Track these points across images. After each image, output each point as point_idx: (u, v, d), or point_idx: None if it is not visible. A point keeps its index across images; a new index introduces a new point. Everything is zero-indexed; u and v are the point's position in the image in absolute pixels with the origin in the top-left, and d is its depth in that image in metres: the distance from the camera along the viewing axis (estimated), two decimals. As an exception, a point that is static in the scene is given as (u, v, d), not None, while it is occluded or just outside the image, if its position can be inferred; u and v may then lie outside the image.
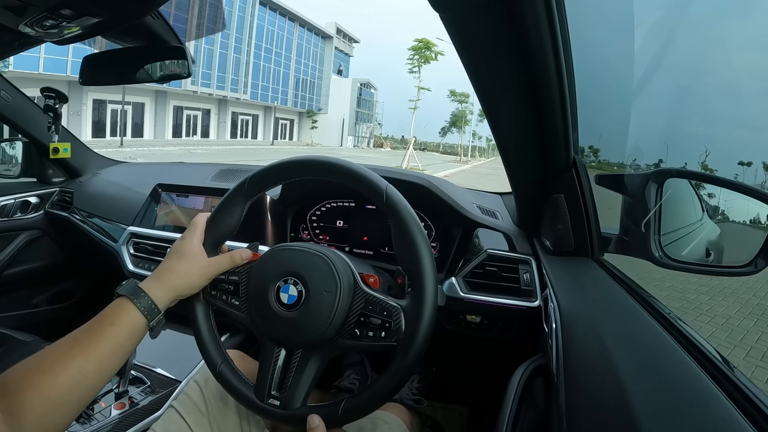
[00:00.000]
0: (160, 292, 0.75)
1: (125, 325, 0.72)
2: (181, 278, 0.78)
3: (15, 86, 1.82)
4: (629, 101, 2.94)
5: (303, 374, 0.77)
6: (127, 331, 0.72)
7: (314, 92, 49.01)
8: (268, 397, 0.78)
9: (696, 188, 1.17)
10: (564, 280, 1.02)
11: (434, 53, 33.90)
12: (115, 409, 1.15)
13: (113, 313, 0.73)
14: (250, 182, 0.82)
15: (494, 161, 54.66)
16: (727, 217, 1.12)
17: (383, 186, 0.74)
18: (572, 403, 0.66)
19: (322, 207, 1.54)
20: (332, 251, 0.79)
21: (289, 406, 0.76)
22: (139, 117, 28.44)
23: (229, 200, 0.84)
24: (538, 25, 0.65)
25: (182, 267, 0.78)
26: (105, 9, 0.96)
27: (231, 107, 37.03)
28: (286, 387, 0.78)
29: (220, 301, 0.83)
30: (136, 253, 1.64)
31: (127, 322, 0.72)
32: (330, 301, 0.73)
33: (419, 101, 33.36)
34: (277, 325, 0.76)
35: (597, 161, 4.92)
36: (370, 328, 0.74)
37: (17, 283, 2.02)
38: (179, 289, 0.77)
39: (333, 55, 50.98)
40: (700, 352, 0.62)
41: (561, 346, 0.77)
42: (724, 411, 0.49)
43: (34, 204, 2.04)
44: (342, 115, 52.87)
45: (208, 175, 1.73)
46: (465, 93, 46.43)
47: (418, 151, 63.84)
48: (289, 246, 0.81)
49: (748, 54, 13.20)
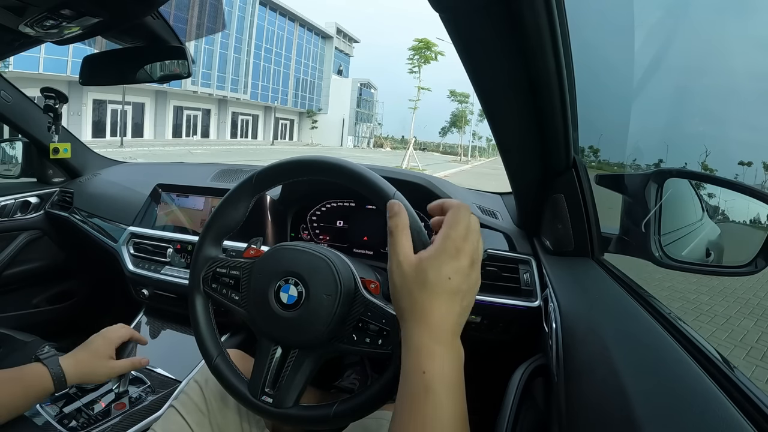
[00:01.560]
0: (72, 371, 0.95)
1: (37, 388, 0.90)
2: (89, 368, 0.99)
3: (15, 86, 1.82)
4: (629, 101, 2.94)
5: (297, 374, 0.77)
6: (37, 393, 0.91)
7: (314, 92, 49.07)
8: (262, 394, 0.78)
9: (696, 188, 1.17)
10: (564, 280, 1.02)
11: (434, 53, 33.74)
12: (115, 409, 1.15)
13: (29, 375, 0.90)
14: (257, 178, 0.82)
15: (494, 161, 54.11)
16: (727, 217, 1.12)
17: (391, 193, 0.74)
18: (572, 403, 0.66)
19: (322, 207, 1.54)
20: (335, 253, 0.79)
21: (282, 404, 0.77)
22: (140, 117, 28.49)
23: (235, 194, 0.84)
24: (538, 24, 0.65)
25: (94, 360, 1.00)
26: (105, 9, 0.96)
27: (231, 107, 37.19)
28: (280, 385, 0.78)
29: (219, 294, 0.83)
30: (136, 253, 1.64)
31: (40, 386, 0.90)
32: (329, 304, 0.73)
33: (419, 101, 33.20)
34: (275, 324, 0.76)
35: (597, 161, 4.92)
36: (368, 334, 0.74)
37: (17, 283, 2.02)
38: (86, 376, 1.00)
39: (333, 55, 51.08)
40: (701, 353, 0.62)
41: (561, 346, 0.77)
42: (725, 411, 0.49)
43: (35, 204, 2.04)
44: (342, 116, 52.87)
45: (208, 175, 1.73)
46: (465, 93, 46.41)
47: (418, 151, 63.30)
48: (291, 246, 0.81)
49: (749, 55, 13.23)
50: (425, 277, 0.56)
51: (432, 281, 0.56)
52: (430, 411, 0.51)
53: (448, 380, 0.53)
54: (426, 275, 0.56)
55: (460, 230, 0.58)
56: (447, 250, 0.57)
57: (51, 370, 0.88)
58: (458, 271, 0.57)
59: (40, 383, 0.87)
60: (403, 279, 0.58)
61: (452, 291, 0.56)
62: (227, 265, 0.83)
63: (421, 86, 34.19)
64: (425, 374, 0.53)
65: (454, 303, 0.57)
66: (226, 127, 37.04)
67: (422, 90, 34.12)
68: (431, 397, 0.52)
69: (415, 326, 0.56)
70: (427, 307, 0.56)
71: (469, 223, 0.59)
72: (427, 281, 0.56)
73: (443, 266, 0.56)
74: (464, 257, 0.58)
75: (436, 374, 0.53)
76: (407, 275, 0.58)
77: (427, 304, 0.56)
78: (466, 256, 0.58)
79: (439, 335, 0.55)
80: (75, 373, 0.94)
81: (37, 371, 0.88)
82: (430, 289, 0.56)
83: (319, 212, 1.55)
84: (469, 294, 0.59)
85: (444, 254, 0.57)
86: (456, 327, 0.57)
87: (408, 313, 0.57)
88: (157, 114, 29.66)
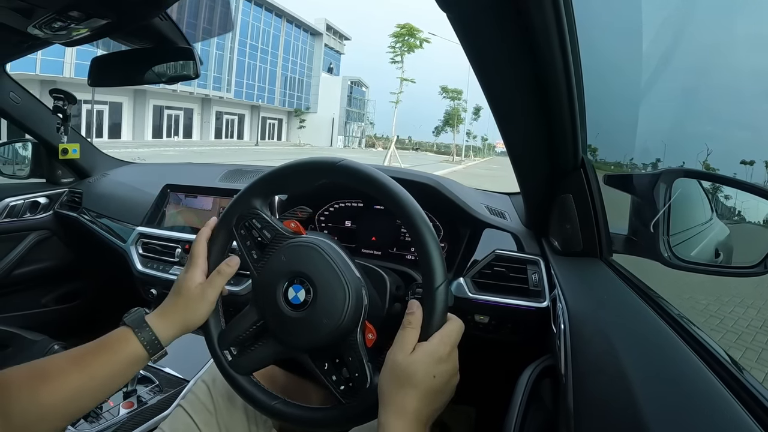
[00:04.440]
0: (164, 327, 0.76)
1: (125, 355, 0.73)
2: (183, 311, 0.78)
3: (24, 88, 1.83)
4: (637, 101, 2.93)
5: (264, 350, 0.80)
6: (126, 361, 0.73)
7: (303, 91, 47.36)
8: (225, 349, 0.81)
9: (705, 188, 1.16)
10: (572, 280, 1.01)
11: (419, 40, 31.68)
12: (123, 408, 1.15)
13: (115, 341, 0.74)
14: (342, 165, 0.79)
15: (489, 161, 52.88)
16: (736, 216, 1.11)
17: (397, 191, 0.73)
18: (580, 404, 0.65)
19: (330, 207, 1.54)
20: (356, 278, 0.77)
21: (238, 367, 0.80)
22: (118, 117, 26.98)
23: (313, 165, 0.81)
24: (545, 23, 0.65)
25: (182, 300, 0.78)
26: (113, 11, 0.96)
27: (215, 106, 35.80)
28: (247, 353, 0.80)
29: (243, 241, 0.82)
30: (144, 253, 1.64)
31: (128, 353, 0.73)
32: (327, 327, 0.73)
33: (402, 94, 31.30)
34: (278, 315, 0.76)
35: (594, 161, 4.89)
36: (337, 373, 0.75)
37: (26, 283, 2.03)
38: (183, 323, 0.78)
39: (323, 53, 49.39)
40: (709, 354, 0.62)
41: (569, 347, 0.77)
42: (733, 413, 0.49)
43: (44, 204, 2.05)
44: (332, 115, 51.23)
45: (217, 176, 1.73)
46: (458, 89, 44.83)
47: (411, 151, 61.71)
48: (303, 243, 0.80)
49: (756, 54, 13.13)
50: (415, 372, 0.63)
51: (420, 378, 0.62)
52: None
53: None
54: (416, 369, 0.63)
55: (453, 337, 0.66)
56: (438, 352, 0.64)
57: (137, 333, 0.78)
58: (444, 373, 0.64)
59: (130, 353, 0.74)
60: (395, 370, 0.64)
61: (434, 389, 0.63)
62: (266, 224, 0.82)
63: (404, 77, 32.12)
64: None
65: (433, 400, 0.64)
66: (210, 127, 35.42)
67: (406, 82, 32.18)
68: None
69: (392, 415, 0.62)
70: (408, 400, 0.62)
71: (460, 334, 0.68)
72: (416, 376, 0.63)
73: (431, 366, 0.63)
74: (451, 362, 0.65)
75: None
76: (401, 367, 0.64)
77: (409, 397, 0.62)
78: (452, 361, 0.66)
79: (412, 427, 0.61)
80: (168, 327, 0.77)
81: (124, 338, 0.75)
82: (416, 385, 0.62)
83: (327, 212, 1.55)
84: (446, 395, 0.66)
85: (435, 355, 0.64)
86: (428, 420, 0.64)
87: (389, 399, 0.64)
88: (136, 114, 27.78)
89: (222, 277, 0.80)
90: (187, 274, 0.80)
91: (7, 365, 0.68)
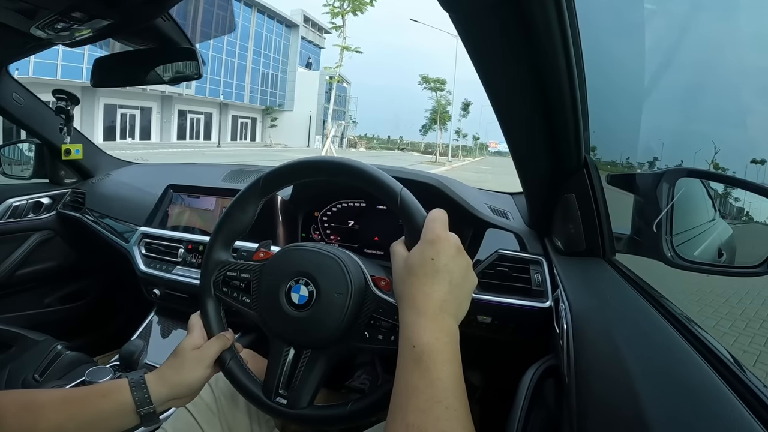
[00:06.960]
0: (157, 386, 0.77)
1: (113, 404, 0.74)
2: (179, 373, 0.79)
3: (27, 88, 1.84)
4: (641, 100, 2.91)
5: (311, 374, 0.77)
6: (112, 410, 0.74)
7: (278, 87, 44.52)
8: (276, 396, 0.79)
9: (708, 188, 1.16)
10: (575, 280, 1.01)
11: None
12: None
13: (108, 388, 0.76)
14: (264, 181, 0.82)
15: (480, 161, 51.02)
16: (741, 216, 1.11)
17: (398, 189, 0.74)
18: (583, 404, 0.65)
19: (332, 207, 1.54)
20: (344, 252, 0.80)
21: (297, 405, 0.77)
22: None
23: (243, 198, 0.84)
24: (548, 23, 0.65)
25: (178, 362, 0.79)
26: (116, 12, 0.97)
27: (177, 104, 32.64)
28: (294, 386, 0.78)
29: (230, 298, 0.83)
30: (147, 253, 1.65)
31: (117, 401, 0.74)
32: (341, 303, 0.74)
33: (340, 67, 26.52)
34: (287, 325, 0.77)
35: (613, 163, 4.87)
36: (380, 331, 0.74)
37: (30, 283, 2.04)
38: (177, 384, 0.78)
39: (299, 46, 46.30)
40: (713, 354, 0.62)
41: (572, 347, 0.77)
42: (737, 414, 0.49)
43: (47, 205, 2.05)
44: (309, 112, 47.14)
45: (219, 176, 1.74)
46: (440, 79, 40.14)
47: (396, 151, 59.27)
48: (301, 246, 0.81)
49: (760, 52, 12.99)
50: (412, 262, 0.64)
51: (416, 264, 0.63)
52: (417, 381, 0.55)
53: (435, 352, 0.57)
54: (412, 260, 0.64)
55: (437, 223, 0.66)
56: (426, 236, 0.65)
57: (132, 385, 0.75)
58: (440, 252, 0.63)
59: (119, 401, 0.75)
60: (396, 270, 0.67)
61: (435, 270, 0.62)
62: (237, 269, 0.83)
63: (345, 45, 26.51)
64: (414, 348, 0.57)
65: (439, 282, 0.62)
66: (171, 128, 32.23)
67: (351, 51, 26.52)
68: (419, 368, 0.56)
69: (405, 307, 0.62)
70: (413, 288, 0.62)
71: (445, 219, 0.67)
72: (413, 265, 0.63)
73: (425, 250, 0.63)
74: (444, 241, 0.64)
75: (423, 348, 0.57)
76: (398, 266, 0.66)
77: (414, 286, 0.62)
78: (446, 240, 0.64)
79: (424, 312, 0.60)
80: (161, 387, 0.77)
81: (118, 386, 0.76)
82: (415, 272, 0.62)
83: (329, 213, 1.55)
84: (457, 273, 0.64)
85: (424, 240, 0.65)
86: (443, 304, 0.61)
87: (400, 297, 0.64)
88: (84, 113, 23.72)
89: (219, 342, 0.82)
90: (185, 339, 0.83)
91: (10, 365, 0.69)
